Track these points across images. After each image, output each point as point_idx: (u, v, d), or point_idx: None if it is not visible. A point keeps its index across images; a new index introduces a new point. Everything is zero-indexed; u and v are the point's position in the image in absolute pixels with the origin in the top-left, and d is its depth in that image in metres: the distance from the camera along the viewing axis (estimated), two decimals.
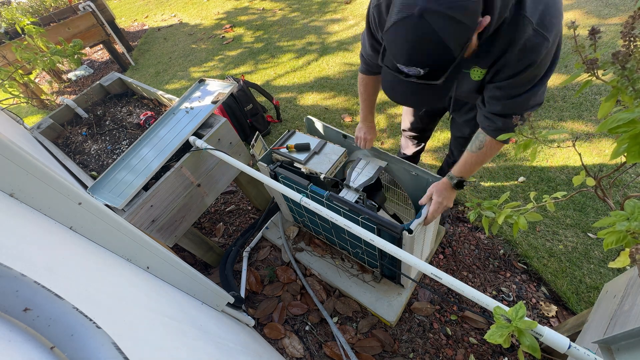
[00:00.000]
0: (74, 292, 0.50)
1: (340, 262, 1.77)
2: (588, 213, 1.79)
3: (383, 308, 1.57)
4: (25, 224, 0.58)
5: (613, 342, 0.75)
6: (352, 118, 2.67)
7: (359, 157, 1.46)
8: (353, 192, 1.32)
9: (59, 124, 1.83)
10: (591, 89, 2.38)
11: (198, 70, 3.77)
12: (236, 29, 4.35)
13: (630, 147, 0.47)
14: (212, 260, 1.91)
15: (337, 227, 1.53)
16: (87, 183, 1.42)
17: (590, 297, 1.54)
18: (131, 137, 1.73)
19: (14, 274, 0.37)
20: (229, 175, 1.73)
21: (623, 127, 0.47)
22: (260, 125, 2.66)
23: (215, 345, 0.83)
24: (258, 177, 1.28)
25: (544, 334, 0.67)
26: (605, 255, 1.65)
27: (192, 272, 1.03)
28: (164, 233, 1.49)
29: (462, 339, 1.53)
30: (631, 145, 0.47)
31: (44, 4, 3.69)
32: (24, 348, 0.33)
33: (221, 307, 1.22)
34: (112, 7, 6.09)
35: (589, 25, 2.87)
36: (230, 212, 2.30)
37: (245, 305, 1.78)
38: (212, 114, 1.61)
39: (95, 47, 5.01)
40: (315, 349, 1.60)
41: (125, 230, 0.80)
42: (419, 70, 0.78)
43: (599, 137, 2.08)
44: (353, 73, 3.10)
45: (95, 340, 0.36)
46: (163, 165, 1.42)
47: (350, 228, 1.00)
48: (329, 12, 4.13)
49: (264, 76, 3.42)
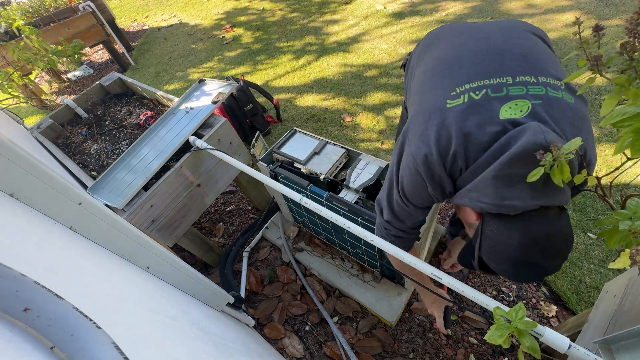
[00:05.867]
0: (74, 292, 0.50)
1: (340, 262, 1.77)
2: (588, 213, 1.79)
3: (383, 308, 1.57)
4: (25, 224, 0.58)
5: (613, 342, 0.75)
6: (352, 118, 2.67)
7: (359, 157, 1.46)
8: (353, 193, 1.32)
9: (59, 124, 1.83)
10: (591, 89, 2.38)
11: (198, 71, 3.77)
12: (236, 29, 4.35)
13: (635, 141, 0.47)
14: (212, 260, 1.91)
15: (337, 227, 1.53)
16: (87, 183, 1.42)
17: (590, 297, 1.54)
18: (131, 137, 1.73)
19: (14, 274, 0.37)
20: (229, 175, 1.73)
21: (628, 120, 0.46)
22: (260, 125, 2.66)
23: (215, 345, 0.83)
24: (258, 177, 1.28)
25: (544, 334, 0.67)
26: (605, 255, 1.65)
27: (192, 272, 1.03)
28: (164, 233, 1.49)
29: (462, 339, 1.53)
30: (635, 139, 0.47)
31: (43, 4, 3.69)
32: (24, 348, 0.33)
33: (221, 307, 1.22)
34: (112, 7, 6.09)
35: (589, 25, 2.87)
36: (230, 212, 2.30)
37: (245, 305, 1.78)
38: (212, 114, 1.61)
39: (95, 47, 5.01)
40: (315, 349, 1.60)
41: (125, 230, 0.80)
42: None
43: (599, 138, 2.08)
44: (353, 74, 3.11)
45: (95, 340, 0.36)
46: (163, 165, 1.42)
47: (350, 228, 1.00)
48: (328, 13, 4.13)
49: (263, 76, 3.42)
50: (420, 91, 0.86)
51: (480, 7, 3.42)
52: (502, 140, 0.66)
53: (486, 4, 3.43)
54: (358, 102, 2.80)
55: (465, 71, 0.77)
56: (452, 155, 0.71)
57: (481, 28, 0.90)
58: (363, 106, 2.75)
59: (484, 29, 0.90)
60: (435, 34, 1.03)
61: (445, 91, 0.76)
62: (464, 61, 0.80)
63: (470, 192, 0.70)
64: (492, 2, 3.43)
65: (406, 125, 0.82)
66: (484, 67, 0.75)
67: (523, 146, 0.61)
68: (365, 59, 3.23)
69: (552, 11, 3.09)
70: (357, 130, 2.57)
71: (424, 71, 0.90)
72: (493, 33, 0.85)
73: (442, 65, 0.84)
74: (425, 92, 0.83)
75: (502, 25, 0.90)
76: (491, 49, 0.79)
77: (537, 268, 0.67)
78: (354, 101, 2.82)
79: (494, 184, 0.65)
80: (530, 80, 0.71)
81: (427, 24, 3.41)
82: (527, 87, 0.70)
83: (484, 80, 0.73)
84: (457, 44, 0.87)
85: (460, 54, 0.82)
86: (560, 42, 2.78)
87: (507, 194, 0.64)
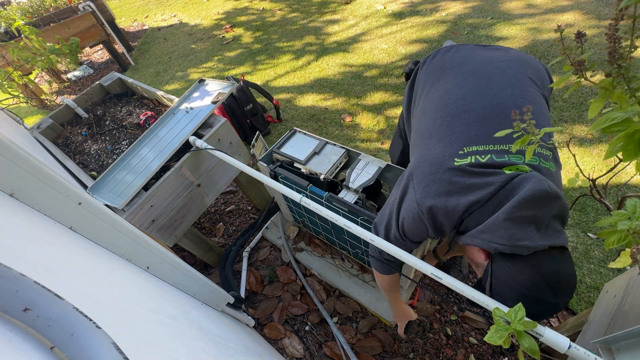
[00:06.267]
0: (74, 292, 0.50)
1: (340, 262, 1.77)
2: (588, 213, 1.79)
3: (383, 308, 1.57)
4: (25, 224, 0.58)
5: (613, 342, 0.75)
6: (352, 118, 2.67)
7: (359, 157, 1.45)
8: (352, 193, 1.32)
9: (59, 124, 1.83)
10: (591, 88, 2.38)
11: (197, 71, 3.77)
12: (236, 29, 4.35)
13: (625, 146, 0.47)
14: (212, 260, 1.91)
15: (337, 227, 1.53)
16: (87, 183, 1.42)
17: (590, 297, 1.54)
18: (131, 137, 1.73)
19: (14, 274, 0.37)
20: (229, 175, 1.73)
21: (617, 125, 0.47)
22: (260, 125, 2.66)
23: (215, 345, 0.83)
24: (258, 177, 1.28)
25: (544, 334, 0.67)
26: (605, 255, 1.65)
27: (192, 272, 1.03)
28: (164, 233, 1.49)
29: (462, 339, 1.53)
30: (626, 143, 0.47)
31: (43, 4, 3.68)
32: (24, 348, 0.33)
33: (221, 307, 1.22)
34: (112, 7, 6.09)
35: (589, 26, 2.88)
36: (230, 212, 2.30)
37: (245, 305, 1.78)
38: (212, 114, 1.61)
39: (95, 47, 5.01)
40: (315, 349, 1.60)
41: (125, 230, 0.80)
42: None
43: (599, 138, 2.08)
44: (353, 74, 3.11)
45: (95, 340, 0.36)
46: (163, 165, 1.42)
47: (350, 228, 1.00)
48: (328, 13, 4.13)
49: (263, 76, 3.42)
50: (426, 133, 0.91)
51: (480, 7, 3.42)
52: (508, 186, 0.72)
53: (486, 4, 3.43)
54: (358, 102, 2.80)
55: (474, 130, 0.82)
56: (456, 207, 0.76)
57: (491, 77, 0.92)
58: (363, 106, 2.75)
59: (494, 77, 0.92)
60: (448, 60, 1.04)
61: (453, 147, 0.81)
62: (472, 116, 0.85)
63: (482, 234, 0.74)
64: (492, 2, 3.43)
65: (411, 168, 0.88)
66: (490, 131, 0.80)
67: (531, 191, 0.68)
68: (365, 59, 3.23)
69: (552, 11, 3.09)
70: (357, 130, 2.57)
71: (431, 109, 0.95)
72: (502, 89, 0.88)
73: (451, 114, 0.88)
74: (432, 138, 0.88)
75: (509, 74, 0.92)
76: (497, 112, 0.84)
77: (548, 305, 0.71)
78: (354, 101, 2.82)
79: (506, 226, 0.70)
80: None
81: (427, 24, 3.41)
82: (525, 158, 0.76)
83: (489, 145, 0.79)
84: (467, 92, 0.90)
85: (470, 106, 0.87)
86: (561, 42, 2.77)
87: (520, 235, 0.69)
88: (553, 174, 0.79)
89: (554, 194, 0.69)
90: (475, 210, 0.75)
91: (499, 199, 0.73)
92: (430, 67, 1.07)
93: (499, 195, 0.73)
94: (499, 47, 1.04)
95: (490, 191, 0.73)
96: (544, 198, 0.68)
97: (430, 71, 1.06)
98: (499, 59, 0.97)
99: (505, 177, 0.73)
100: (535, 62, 1.00)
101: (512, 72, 0.92)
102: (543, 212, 0.70)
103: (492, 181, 0.74)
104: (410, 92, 1.15)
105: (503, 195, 0.72)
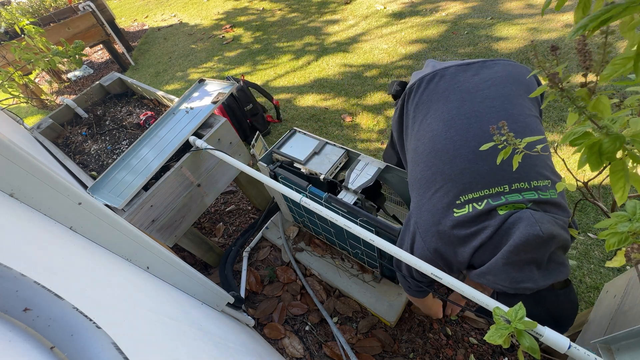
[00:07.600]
0: (74, 292, 0.50)
1: (340, 262, 1.77)
2: (588, 213, 1.79)
3: (383, 308, 1.57)
4: (25, 224, 0.58)
5: (613, 342, 0.75)
6: (352, 118, 2.67)
7: (358, 158, 1.45)
8: (352, 194, 1.32)
9: (59, 124, 1.83)
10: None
11: (197, 71, 3.77)
12: (236, 29, 4.35)
13: (589, 158, 0.49)
14: (212, 260, 1.91)
15: (337, 227, 1.53)
16: (87, 183, 1.42)
17: (590, 297, 1.54)
18: (131, 137, 1.73)
19: (14, 274, 0.37)
20: (229, 175, 1.73)
21: (579, 139, 0.49)
22: (260, 125, 2.66)
23: (215, 345, 0.83)
24: (258, 177, 1.28)
25: (544, 334, 0.67)
26: (605, 256, 1.65)
27: (192, 272, 1.03)
28: (164, 233, 1.49)
29: (462, 339, 1.53)
30: (589, 155, 0.49)
31: (43, 4, 3.69)
32: (24, 348, 0.33)
33: (221, 307, 1.22)
34: (112, 7, 6.09)
35: None
36: (230, 212, 2.30)
37: (245, 305, 1.78)
38: (212, 114, 1.61)
39: (95, 47, 5.01)
40: (315, 349, 1.60)
41: (125, 230, 0.80)
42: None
43: None
44: (352, 74, 3.11)
45: (95, 340, 0.36)
46: (163, 165, 1.42)
47: (349, 228, 1.00)
48: (328, 13, 4.13)
49: (263, 76, 3.42)
50: (422, 180, 0.94)
51: (480, 7, 3.42)
52: (503, 227, 0.76)
53: (486, 4, 3.43)
54: (358, 102, 2.80)
55: (468, 178, 0.84)
56: (463, 254, 0.82)
57: (478, 113, 0.90)
58: (363, 106, 2.75)
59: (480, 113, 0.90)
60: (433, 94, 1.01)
61: (449, 195, 0.85)
62: (463, 162, 0.86)
63: (486, 275, 0.79)
64: (492, 2, 3.43)
65: (416, 215, 0.93)
66: (484, 174, 0.83)
67: (525, 236, 0.71)
68: (365, 59, 3.23)
69: (552, 11, 3.09)
70: (357, 130, 2.57)
71: (423, 152, 0.96)
72: (491, 123, 0.87)
73: (443, 161, 0.90)
74: (429, 189, 0.91)
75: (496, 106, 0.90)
76: (487, 153, 0.82)
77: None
78: (354, 101, 2.82)
79: (506, 270, 0.74)
80: (524, 187, 0.80)
81: (427, 24, 3.41)
82: (522, 194, 0.80)
83: (484, 190, 0.81)
84: (455, 134, 0.90)
85: (460, 151, 0.87)
86: (560, 42, 2.78)
87: (520, 277, 0.73)
88: (555, 201, 0.80)
89: (547, 236, 0.71)
90: (479, 250, 0.80)
91: (497, 239, 0.77)
92: (416, 100, 1.05)
93: (497, 236, 0.77)
94: (483, 65, 1.00)
95: (487, 235, 0.77)
96: (537, 242, 0.71)
97: (417, 104, 1.04)
98: (485, 85, 0.94)
99: (500, 219, 0.77)
100: (524, 73, 0.97)
101: (499, 103, 0.90)
102: (540, 253, 0.73)
103: (489, 225, 0.78)
104: (400, 121, 1.14)
105: (500, 235, 0.76)
